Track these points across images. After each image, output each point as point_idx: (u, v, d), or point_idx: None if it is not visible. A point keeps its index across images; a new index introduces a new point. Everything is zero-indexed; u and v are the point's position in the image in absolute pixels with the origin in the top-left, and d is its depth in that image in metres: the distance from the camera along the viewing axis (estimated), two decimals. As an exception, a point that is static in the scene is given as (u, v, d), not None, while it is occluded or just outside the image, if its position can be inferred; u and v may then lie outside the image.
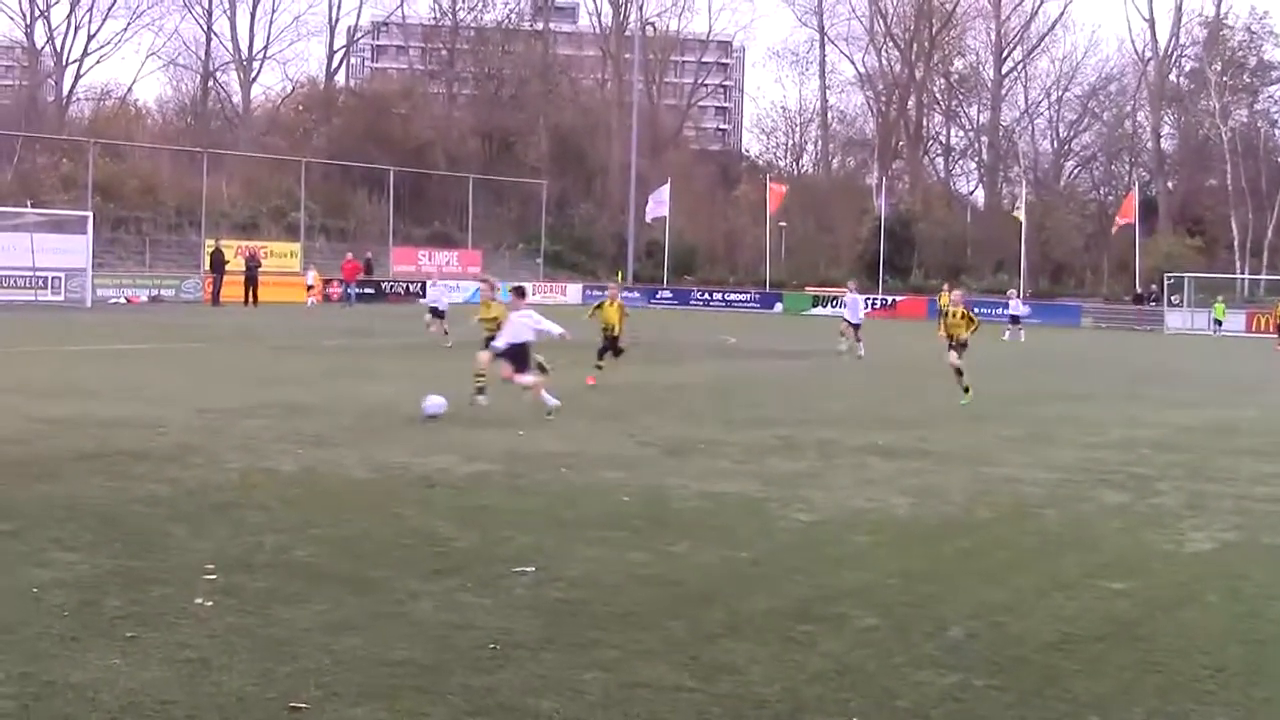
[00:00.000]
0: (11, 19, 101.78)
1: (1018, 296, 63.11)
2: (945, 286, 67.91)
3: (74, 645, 8.96)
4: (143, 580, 10.77)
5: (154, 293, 67.14)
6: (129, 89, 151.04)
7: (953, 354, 27.94)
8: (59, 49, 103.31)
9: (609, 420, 22.87)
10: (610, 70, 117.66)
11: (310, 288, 69.95)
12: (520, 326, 23.16)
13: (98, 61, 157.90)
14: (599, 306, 31.04)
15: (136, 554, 11.71)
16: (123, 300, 65.43)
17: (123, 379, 27.28)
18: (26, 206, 67.94)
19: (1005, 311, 61.45)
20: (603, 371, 29.62)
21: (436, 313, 41.78)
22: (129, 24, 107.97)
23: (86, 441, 18.38)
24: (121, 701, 7.95)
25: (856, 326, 43.07)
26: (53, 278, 62.79)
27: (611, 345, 30.29)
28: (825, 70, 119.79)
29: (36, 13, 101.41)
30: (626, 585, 11.20)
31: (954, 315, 28.68)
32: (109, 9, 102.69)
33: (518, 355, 23.13)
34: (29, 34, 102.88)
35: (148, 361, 27.43)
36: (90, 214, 65.59)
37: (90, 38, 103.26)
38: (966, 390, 27.58)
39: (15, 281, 62.11)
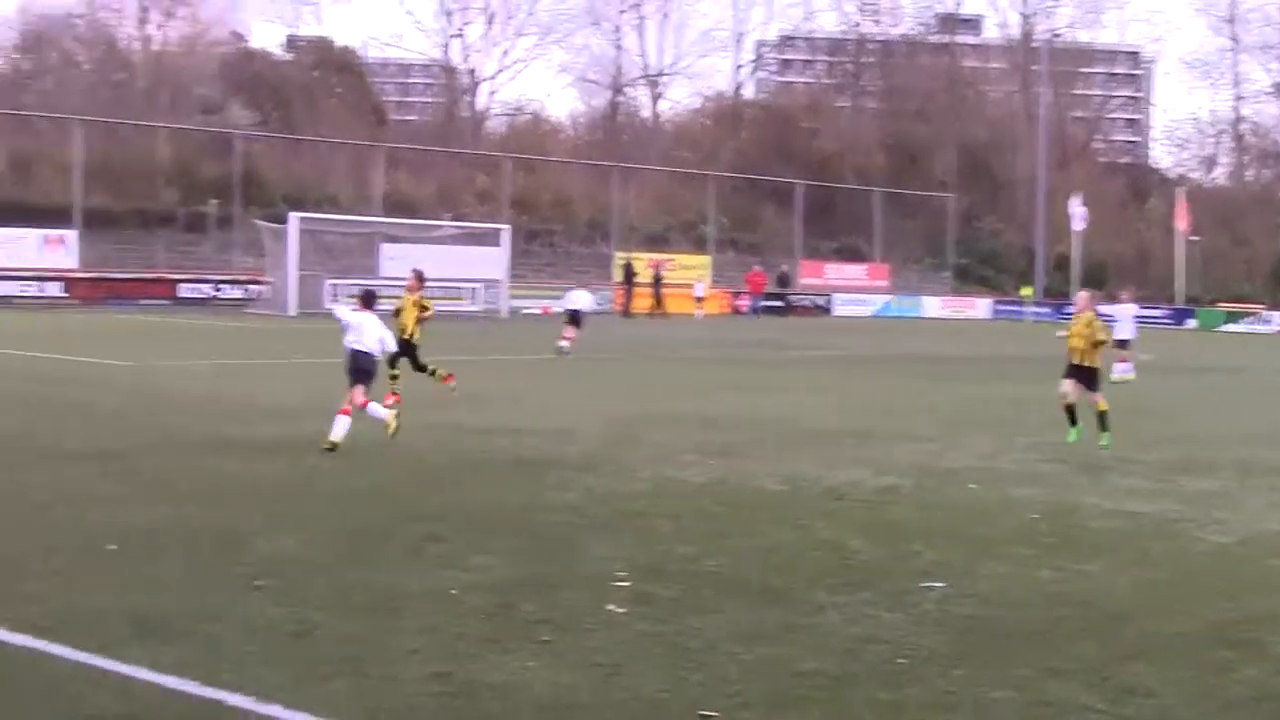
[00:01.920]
0: (429, 39, 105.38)
1: None
2: None
3: (492, 647, 9.24)
4: (556, 586, 11.04)
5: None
6: (542, 104, 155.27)
7: (1066, 385, 21.01)
8: (474, 66, 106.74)
9: (1019, 435, 22.49)
10: (1017, 82, 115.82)
11: (700, 300, 70.53)
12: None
13: (511, 78, 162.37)
14: (399, 310, 24.89)
15: (550, 560, 12.01)
16: (537, 311, 67.02)
17: (536, 388, 28.02)
18: (446, 219, 70.22)
19: None
20: (451, 385, 25.10)
21: (574, 318, 37.16)
22: (540, 41, 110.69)
23: (501, 450, 18.90)
24: (536, 703, 8.16)
25: (1125, 343, 34.79)
26: (470, 288, 64.65)
27: (404, 352, 23.65)
28: (1238, 79, 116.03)
29: (452, 32, 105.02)
30: (1036, 603, 11.03)
31: (1076, 323, 21.22)
32: (520, 27, 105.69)
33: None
34: (445, 52, 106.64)
35: (559, 372, 28.18)
36: (508, 226, 67.30)
37: (504, 54, 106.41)
38: (1104, 429, 20.89)
39: (434, 292, 64.23)
